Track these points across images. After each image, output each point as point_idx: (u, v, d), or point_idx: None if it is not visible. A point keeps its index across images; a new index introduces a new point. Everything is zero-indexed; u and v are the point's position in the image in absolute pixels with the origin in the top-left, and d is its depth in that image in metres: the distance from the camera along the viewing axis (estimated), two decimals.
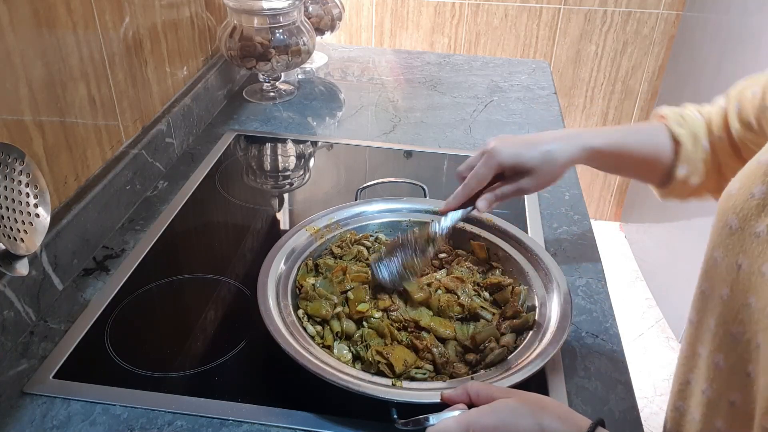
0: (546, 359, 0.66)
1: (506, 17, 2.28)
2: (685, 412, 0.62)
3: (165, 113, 1.13)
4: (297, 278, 0.80)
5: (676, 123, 0.76)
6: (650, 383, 1.93)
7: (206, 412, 0.68)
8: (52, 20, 0.80)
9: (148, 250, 0.92)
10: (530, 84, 1.53)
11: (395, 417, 0.61)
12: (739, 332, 0.53)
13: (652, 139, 0.77)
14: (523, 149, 0.73)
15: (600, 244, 0.97)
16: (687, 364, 0.62)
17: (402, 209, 0.91)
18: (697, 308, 0.59)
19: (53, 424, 0.66)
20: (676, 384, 0.64)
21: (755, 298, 0.51)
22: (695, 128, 0.75)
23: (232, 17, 1.29)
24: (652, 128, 0.78)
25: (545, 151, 0.73)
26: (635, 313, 2.23)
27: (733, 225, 0.53)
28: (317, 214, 0.88)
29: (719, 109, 0.75)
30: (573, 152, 0.74)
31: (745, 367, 0.53)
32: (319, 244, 0.85)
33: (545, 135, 0.77)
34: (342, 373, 0.65)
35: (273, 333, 0.68)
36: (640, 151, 0.77)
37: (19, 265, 0.65)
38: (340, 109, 1.40)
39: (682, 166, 0.75)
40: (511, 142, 0.74)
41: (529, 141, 0.75)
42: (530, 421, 0.52)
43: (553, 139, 0.75)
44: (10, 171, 0.65)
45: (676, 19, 2.21)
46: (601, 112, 2.44)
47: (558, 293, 0.75)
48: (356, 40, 2.39)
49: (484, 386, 0.58)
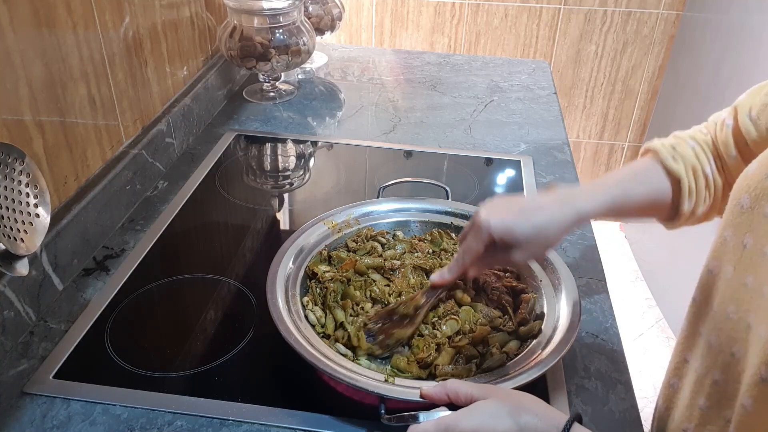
0: (543, 369, 0.65)
1: (506, 17, 2.28)
2: (678, 390, 0.63)
3: (165, 113, 1.13)
4: (309, 264, 0.82)
5: (670, 158, 0.71)
6: (650, 383, 1.93)
7: (206, 412, 0.68)
8: (52, 20, 0.80)
9: (148, 250, 0.92)
10: (530, 84, 1.53)
11: (382, 412, 0.62)
12: (732, 311, 0.54)
13: (649, 185, 0.72)
14: (514, 222, 0.68)
15: (600, 244, 0.97)
16: (685, 342, 0.62)
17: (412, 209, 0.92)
18: (702, 287, 0.59)
19: (53, 424, 0.66)
20: (672, 362, 0.65)
21: (753, 278, 0.51)
22: (692, 159, 0.71)
23: (232, 17, 1.29)
24: (646, 171, 0.73)
25: (537, 225, 0.68)
26: (635, 313, 2.23)
27: (744, 204, 0.54)
28: (336, 209, 0.89)
29: (725, 128, 0.70)
30: (566, 222, 0.68)
31: (731, 347, 0.54)
32: (335, 238, 0.87)
33: (537, 201, 0.72)
34: (336, 365, 0.65)
35: (276, 321, 0.69)
36: (639, 201, 0.72)
37: (19, 265, 0.65)
38: (340, 109, 1.40)
39: (686, 201, 0.71)
40: (502, 214, 0.68)
41: (519, 209, 0.69)
42: (508, 422, 0.53)
43: (546, 206, 0.69)
44: (10, 171, 0.65)
45: (676, 19, 2.21)
46: (601, 112, 2.44)
47: (568, 304, 0.74)
48: (356, 40, 2.39)
49: (463, 385, 0.59)
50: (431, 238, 0.88)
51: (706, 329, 0.58)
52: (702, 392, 0.58)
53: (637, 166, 0.74)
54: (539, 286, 0.79)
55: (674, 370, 0.65)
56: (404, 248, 0.86)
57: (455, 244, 0.88)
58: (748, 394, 0.49)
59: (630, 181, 0.73)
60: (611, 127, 2.46)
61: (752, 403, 0.49)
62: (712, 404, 0.57)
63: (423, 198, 0.93)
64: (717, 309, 0.57)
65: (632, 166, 0.74)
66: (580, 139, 2.51)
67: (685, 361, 0.63)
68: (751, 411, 0.49)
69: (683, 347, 0.63)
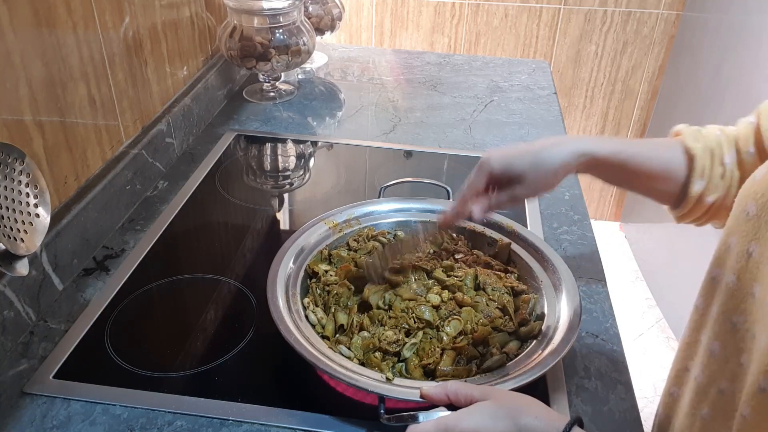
0: (543, 370, 0.65)
1: (506, 17, 2.28)
2: (678, 398, 0.63)
3: (165, 113, 1.13)
4: (309, 263, 0.82)
5: (691, 138, 0.71)
6: (650, 383, 1.93)
7: (206, 412, 0.68)
8: (52, 20, 0.80)
9: (148, 250, 0.92)
10: (530, 84, 1.53)
11: (381, 412, 0.62)
12: (739, 321, 0.52)
13: (662, 153, 0.72)
14: (514, 156, 0.71)
15: (600, 244, 0.97)
16: (687, 350, 0.62)
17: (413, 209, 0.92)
18: (705, 294, 0.59)
19: (53, 424, 0.66)
20: (673, 370, 0.65)
21: (760, 288, 0.50)
22: (713, 143, 0.71)
23: (232, 17, 1.29)
24: (664, 142, 0.73)
25: (535, 156, 0.70)
26: (635, 313, 2.23)
27: (750, 211, 0.52)
28: (337, 209, 0.89)
29: (748, 125, 0.70)
30: (566, 157, 0.70)
31: (739, 357, 0.53)
32: (336, 237, 0.87)
33: (541, 141, 0.73)
34: (336, 364, 0.65)
35: (276, 320, 0.69)
36: (649, 163, 0.72)
37: (19, 265, 0.65)
38: (340, 109, 1.40)
39: (696, 181, 0.70)
40: (505, 151, 0.72)
41: (523, 148, 0.72)
42: (507, 423, 0.53)
43: (549, 144, 0.72)
44: (10, 171, 0.65)
45: (676, 19, 2.21)
46: (601, 112, 2.44)
47: (569, 305, 0.74)
48: (356, 40, 2.39)
49: (463, 386, 0.59)
50: (432, 238, 0.88)
51: (707, 338, 0.57)
52: (706, 401, 0.57)
53: (659, 139, 0.75)
54: (540, 287, 0.79)
55: (675, 378, 0.64)
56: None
57: (456, 244, 0.88)
58: (748, 404, 0.49)
59: (645, 144, 0.74)
60: (611, 127, 2.46)
61: (750, 412, 0.48)
62: (716, 414, 0.56)
63: (424, 198, 0.93)
64: (719, 318, 0.55)
65: (654, 138, 0.75)
66: None
67: (686, 369, 0.62)
68: (750, 420, 0.48)
69: (684, 355, 0.62)
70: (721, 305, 0.55)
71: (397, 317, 0.74)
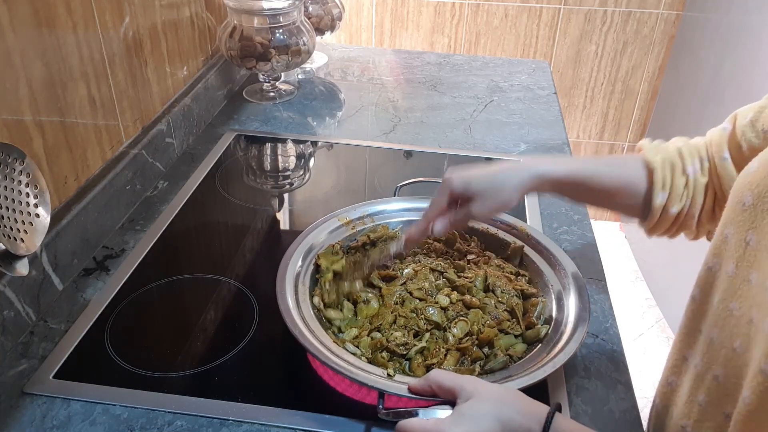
0: (546, 373, 0.65)
1: (506, 17, 2.28)
2: (677, 387, 0.64)
3: (165, 113, 1.13)
4: (319, 254, 0.82)
5: (651, 152, 0.74)
6: (650, 383, 1.92)
7: (206, 412, 0.68)
8: (52, 20, 0.80)
9: (148, 250, 0.92)
10: (530, 84, 1.53)
11: (380, 407, 0.62)
12: (735, 307, 0.54)
13: (622, 169, 0.74)
14: (473, 177, 0.74)
15: (600, 244, 0.97)
16: (685, 340, 0.63)
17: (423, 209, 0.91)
18: (701, 284, 0.60)
19: (53, 424, 0.66)
20: (671, 360, 0.66)
21: (757, 274, 0.52)
22: (673, 155, 0.73)
23: (232, 17, 1.29)
24: (625, 158, 0.76)
25: (492, 178, 0.74)
26: (635, 313, 2.24)
27: (746, 201, 0.54)
28: (352, 206, 0.90)
29: (721, 131, 0.71)
30: (521, 180, 0.73)
31: (733, 342, 0.54)
32: (348, 234, 0.87)
33: (501, 164, 0.76)
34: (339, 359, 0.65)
35: (282, 312, 0.70)
36: (609, 180, 0.74)
37: (19, 265, 0.65)
38: (340, 109, 1.40)
39: (659, 193, 0.72)
40: (466, 172, 0.75)
41: (482, 170, 0.75)
42: (491, 421, 0.55)
43: (506, 167, 0.75)
44: (10, 171, 0.65)
45: (676, 19, 2.21)
46: (601, 112, 2.44)
47: (576, 310, 0.74)
48: (356, 40, 2.39)
49: (446, 376, 0.60)
50: (444, 238, 0.88)
51: (707, 326, 0.59)
52: (702, 388, 0.59)
53: (620, 155, 0.78)
54: (549, 291, 0.79)
55: (672, 368, 0.65)
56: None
57: (469, 245, 0.88)
58: (749, 387, 0.50)
59: (605, 161, 0.78)
60: (611, 127, 2.46)
61: (750, 395, 0.49)
62: (711, 400, 0.57)
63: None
64: (718, 306, 0.57)
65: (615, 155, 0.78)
66: (580, 140, 2.51)
67: (684, 358, 0.63)
68: (751, 403, 0.49)
69: (682, 345, 0.63)
70: (720, 294, 0.57)
71: (407, 317, 0.74)
